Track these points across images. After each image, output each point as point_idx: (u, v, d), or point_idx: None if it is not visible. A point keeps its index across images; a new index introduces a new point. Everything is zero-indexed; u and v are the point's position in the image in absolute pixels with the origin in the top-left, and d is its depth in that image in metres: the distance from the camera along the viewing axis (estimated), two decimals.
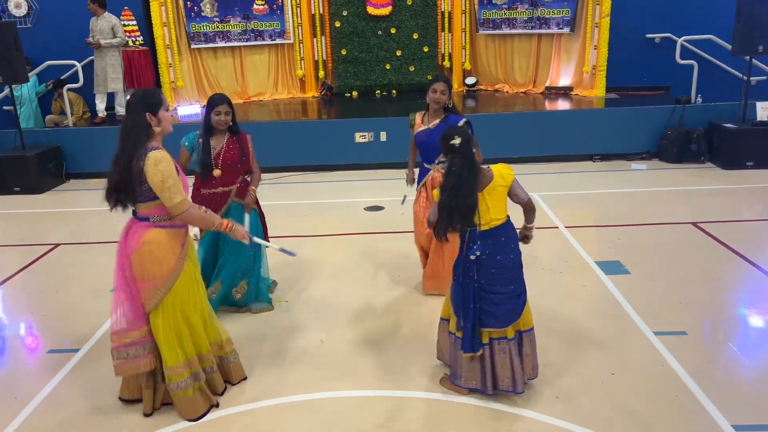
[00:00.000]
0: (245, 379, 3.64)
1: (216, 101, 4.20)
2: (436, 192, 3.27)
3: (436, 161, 4.35)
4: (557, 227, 5.95)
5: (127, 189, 3.13)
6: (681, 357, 3.71)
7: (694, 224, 5.85)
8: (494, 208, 3.21)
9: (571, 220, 6.12)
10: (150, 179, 3.03)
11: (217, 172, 4.20)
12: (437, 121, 4.37)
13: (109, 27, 8.53)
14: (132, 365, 3.25)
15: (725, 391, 3.40)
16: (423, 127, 4.42)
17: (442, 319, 3.57)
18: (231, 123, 4.27)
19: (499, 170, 3.26)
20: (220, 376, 3.53)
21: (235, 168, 4.25)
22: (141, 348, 3.24)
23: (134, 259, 3.15)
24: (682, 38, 8.87)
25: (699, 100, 8.56)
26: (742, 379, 3.55)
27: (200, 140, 4.23)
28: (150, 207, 3.15)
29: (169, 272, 3.15)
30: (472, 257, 3.20)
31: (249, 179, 4.36)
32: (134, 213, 3.25)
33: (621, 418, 3.22)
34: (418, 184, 4.57)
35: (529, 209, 3.44)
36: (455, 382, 3.42)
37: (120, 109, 8.94)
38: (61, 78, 9.28)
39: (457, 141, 3.11)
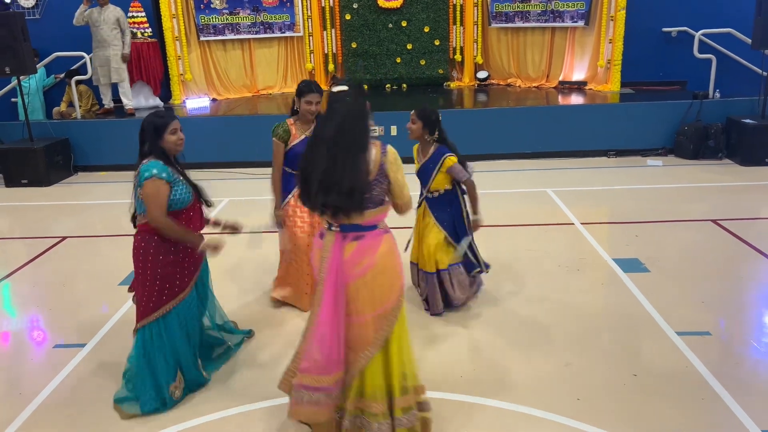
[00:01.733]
0: None
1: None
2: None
3: None
4: (572, 224, 5.82)
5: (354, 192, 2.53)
6: (705, 358, 3.58)
7: (714, 221, 5.71)
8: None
9: (586, 217, 5.99)
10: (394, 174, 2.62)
11: None
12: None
13: (114, 18, 8.43)
14: (313, 411, 2.72)
15: (753, 393, 3.28)
16: (299, 138, 3.98)
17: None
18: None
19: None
20: None
21: None
22: (327, 396, 2.71)
23: (365, 282, 2.62)
24: (700, 32, 8.68)
25: (717, 95, 8.39)
26: None
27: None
28: (378, 212, 2.66)
29: (400, 288, 2.70)
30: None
31: None
32: (341, 225, 2.63)
33: (644, 421, 3.10)
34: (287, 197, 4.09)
35: None
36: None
37: (126, 101, 8.85)
38: (72, 69, 9.20)
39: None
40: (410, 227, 4.28)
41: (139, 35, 9.05)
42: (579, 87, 9.54)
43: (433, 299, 4.17)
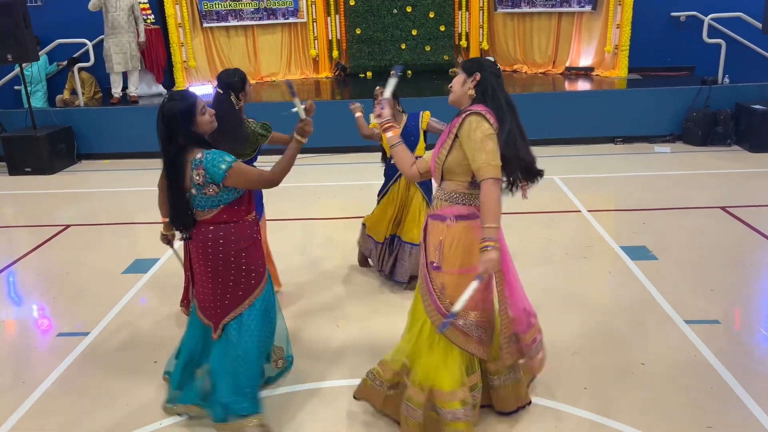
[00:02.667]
0: None
1: None
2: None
3: None
4: (579, 211, 5.76)
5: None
6: (715, 347, 3.53)
7: (723, 208, 5.64)
8: None
9: (593, 204, 5.92)
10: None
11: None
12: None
13: (130, 4, 8.36)
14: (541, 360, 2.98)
15: (762, 381, 3.23)
16: None
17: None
18: None
19: None
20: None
21: None
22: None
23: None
24: (710, 16, 8.55)
25: (726, 80, 8.27)
26: None
27: None
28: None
29: None
30: None
31: None
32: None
33: (653, 410, 3.06)
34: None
35: None
36: None
37: (132, 89, 8.79)
38: (74, 56, 9.14)
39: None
40: None
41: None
42: (586, 73, 9.43)
43: (402, 268, 4.30)
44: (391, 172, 4.31)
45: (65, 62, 9.29)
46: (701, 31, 8.57)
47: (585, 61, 9.59)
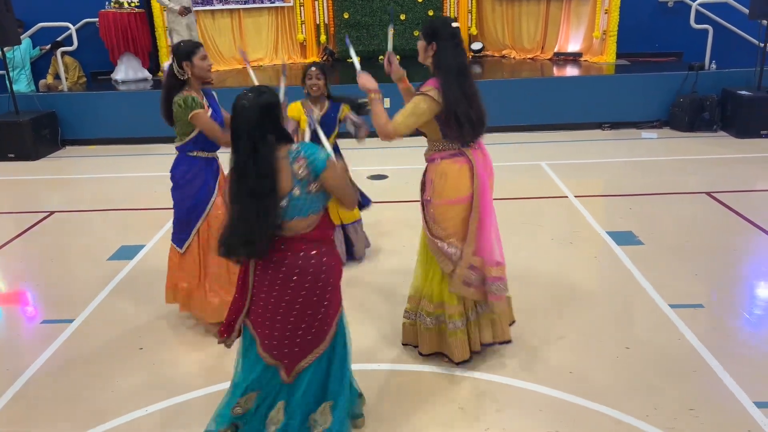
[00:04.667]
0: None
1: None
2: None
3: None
4: (566, 197, 5.78)
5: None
6: (698, 330, 3.57)
7: (709, 194, 5.68)
8: None
9: (580, 190, 5.94)
10: None
11: None
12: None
13: None
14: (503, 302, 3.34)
15: (745, 366, 3.27)
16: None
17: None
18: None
19: None
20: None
21: None
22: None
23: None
24: (697, 2, 8.55)
25: (713, 66, 8.29)
26: (762, 353, 3.41)
27: None
28: None
29: None
30: None
31: None
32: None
33: (637, 393, 3.09)
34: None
35: None
36: None
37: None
38: (58, 40, 9.00)
39: None
40: None
41: (126, 5, 8.85)
42: (574, 58, 9.42)
43: (358, 245, 4.56)
44: None
45: (48, 46, 9.14)
46: (689, 16, 8.57)
47: (573, 47, 9.57)
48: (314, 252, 2.37)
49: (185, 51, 3.37)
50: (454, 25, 3.05)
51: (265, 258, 2.35)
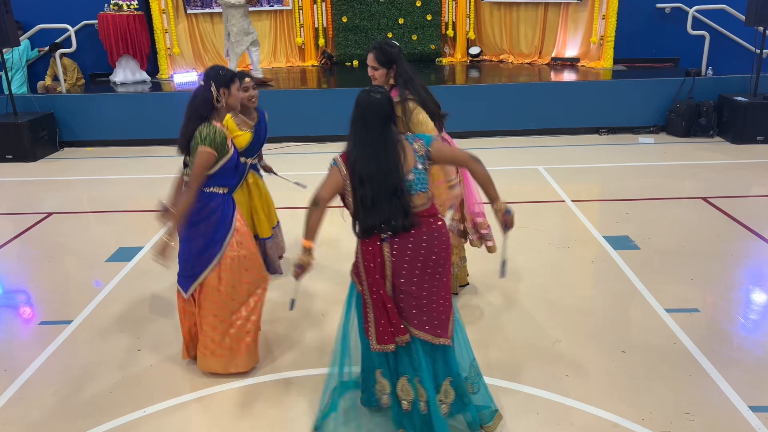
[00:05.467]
0: None
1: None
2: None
3: None
4: (563, 201, 5.80)
5: None
6: (694, 335, 3.60)
7: (705, 199, 5.71)
8: None
9: (577, 194, 5.97)
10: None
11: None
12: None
13: None
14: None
15: (741, 370, 3.29)
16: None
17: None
18: None
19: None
20: None
21: None
22: None
23: None
24: (694, 8, 8.60)
25: (710, 72, 8.34)
26: (758, 358, 3.43)
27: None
28: None
29: None
30: None
31: None
32: None
33: (633, 397, 3.11)
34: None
35: None
36: None
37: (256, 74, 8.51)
38: (56, 42, 9.00)
39: None
40: None
41: (125, 7, 8.86)
42: (571, 63, 9.46)
43: (273, 257, 4.48)
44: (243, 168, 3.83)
45: (47, 48, 9.15)
46: (685, 22, 8.62)
47: (571, 52, 9.62)
48: (440, 223, 2.70)
49: (229, 77, 3.12)
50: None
51: (404, 235, 2.59)
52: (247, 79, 3.90)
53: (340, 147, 4.64)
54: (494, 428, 2.86)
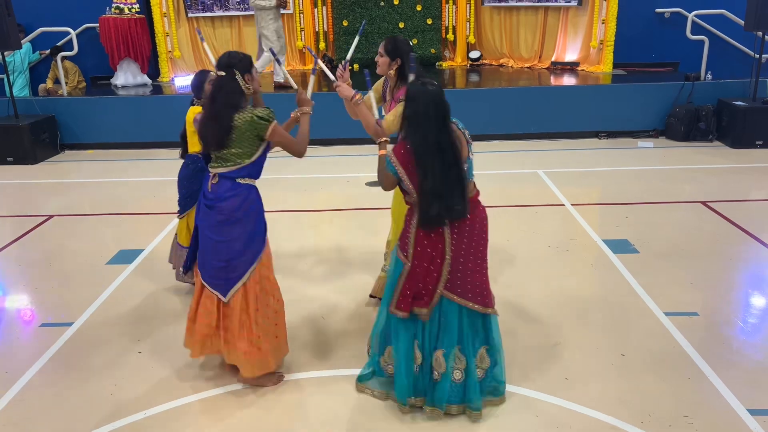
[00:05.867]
0: None
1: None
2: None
3: None
4: (563, 205, 5.82)
5: None
6: (693, 338, 3.61)
7: (704, 203, 5.72)
8: None
9: (576, 198, 5.98)
10: None
11: None
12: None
13: None
14: None
15: (740, 374, 3.30)
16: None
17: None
18: None
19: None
20: None
21: None
22: None
23: None
24: (693, 13, 8.64)
25: (709, 77, 8.37)
26: (756, 361, 3.44)
27: None
28: None
29: None
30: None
31: None
32: None
33: (632, 400, 3.12)
34: None
35: None
36: None
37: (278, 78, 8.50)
38: (58, 45, 9.03)
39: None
40: None
41: (127, 11, 8.88)
42: (571, 68, 9.49)
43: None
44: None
45: (48, 51, 9.18)
46: (685, 27, 8.66)
47: (570, 56, 9.65)
48: (481, 207, 2.95)
49: (248, 61, 3.04)
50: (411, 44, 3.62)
51: (462, 221, 2.82)
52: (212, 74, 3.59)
53: (342, 150, 4.63)
54: (503, 401, 3.09)
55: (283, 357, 3.39)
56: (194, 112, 3.86)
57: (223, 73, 2.98)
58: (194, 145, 3.94)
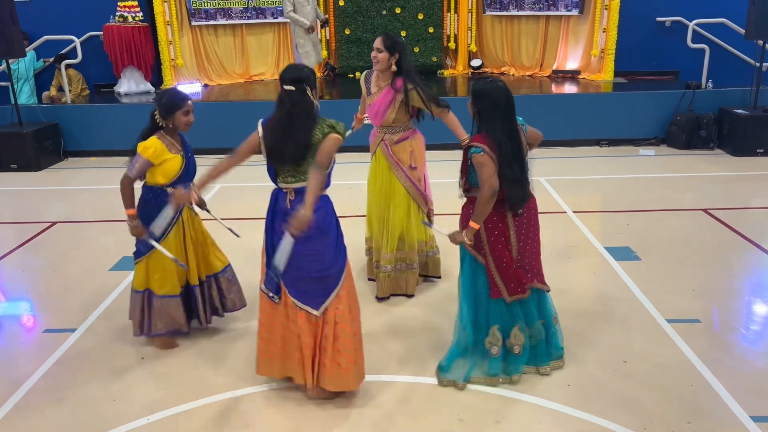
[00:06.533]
0: None
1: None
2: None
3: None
4: (565, 212, 5.83)
5: None
6: (695, 345, 3.61)
7: (705, 211, 5.74)
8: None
9: (578, 205, 6.00)
10: None
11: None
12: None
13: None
14: None
15: (742, 380, 3.30)
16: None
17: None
18: None
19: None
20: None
21: None
22: None
23: None
24: (694, 22, 8.68)
25: (710, 85, 8.39)
26: (758, 368, 3.45)
27: None
28: None
29: None
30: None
31: None
32: None
33: (634, 407, 3.12)
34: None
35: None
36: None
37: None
38: (62, 53, 9.09)
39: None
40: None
41: (130, 19, 8.94)
42: (572, 76, 9.53)
43: (231, 295, 3.94)
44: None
45: (52, 59, 9.23)
46: (686, 36, 8.69)
47: (572, 65, 9.69)
48: (533, 196, 3.26)
49: (314, 76, 3.04)
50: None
51: (527, 204, 3.19)
52: (189, 102, 3.56)
53: (344, 157, 4.66)
54: (562, 364, 3.45)
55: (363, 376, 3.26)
56: (156, 145, 3.46)
57: (293, 88, 2.92)
58: (158, 176, 3.51)
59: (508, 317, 3.26)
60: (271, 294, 3.06)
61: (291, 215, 2.84)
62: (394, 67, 3.89)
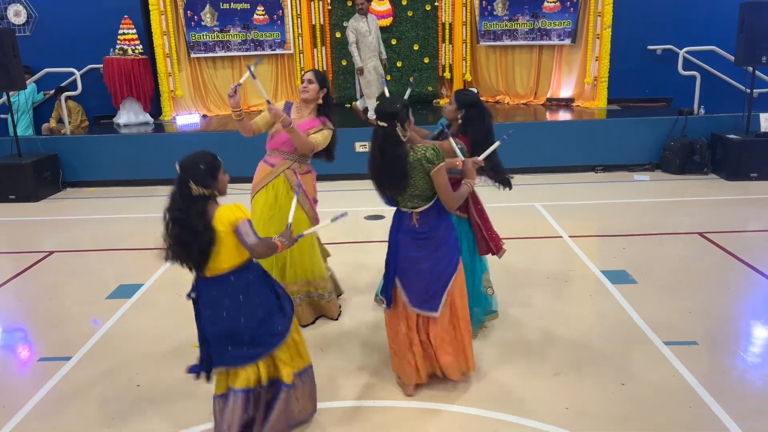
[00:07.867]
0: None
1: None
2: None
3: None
4: (561, 237, 5.85)
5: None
6: (693, 367, 3.60)
7: (701, 234, 5.76)
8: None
9: (574, 230, 6.02)
10: None
11: None
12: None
13: (376, 25, 8.30)
14: None
15: (740, 402, 3.29)
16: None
17: None
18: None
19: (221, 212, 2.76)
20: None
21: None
22: None
23: None
24: (684, 49, 8.84)
25: (702, 111, 8.51)
26: (756, 389, 3.43)
27: None
28: None
29: None
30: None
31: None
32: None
33: (632, 428, 3.10)
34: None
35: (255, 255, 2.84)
36: None
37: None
38: (62, 85, 9.21)
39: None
40: None
41: (130, 52, 9.09)
42: (566, 104, 9.66)
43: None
44: None
45: (52, 91, 9.35)
46: (677, 63, 8.84)
47: (565, 93, 9.83)
48: None
49: (407, 110, 3.11)
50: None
51: None
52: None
53: (341, 185, 4.70)
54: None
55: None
56: (231, 207, 2.82)
57: (385, 124, 3.06)
58: (235, 257, 2.88)
59: (484, 267, 4.00)
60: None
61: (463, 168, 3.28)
62: (320, 101, 4.08)
